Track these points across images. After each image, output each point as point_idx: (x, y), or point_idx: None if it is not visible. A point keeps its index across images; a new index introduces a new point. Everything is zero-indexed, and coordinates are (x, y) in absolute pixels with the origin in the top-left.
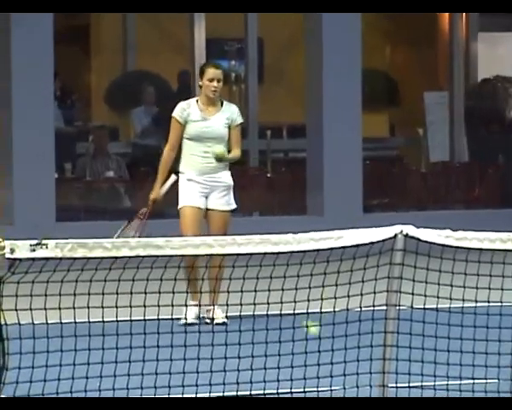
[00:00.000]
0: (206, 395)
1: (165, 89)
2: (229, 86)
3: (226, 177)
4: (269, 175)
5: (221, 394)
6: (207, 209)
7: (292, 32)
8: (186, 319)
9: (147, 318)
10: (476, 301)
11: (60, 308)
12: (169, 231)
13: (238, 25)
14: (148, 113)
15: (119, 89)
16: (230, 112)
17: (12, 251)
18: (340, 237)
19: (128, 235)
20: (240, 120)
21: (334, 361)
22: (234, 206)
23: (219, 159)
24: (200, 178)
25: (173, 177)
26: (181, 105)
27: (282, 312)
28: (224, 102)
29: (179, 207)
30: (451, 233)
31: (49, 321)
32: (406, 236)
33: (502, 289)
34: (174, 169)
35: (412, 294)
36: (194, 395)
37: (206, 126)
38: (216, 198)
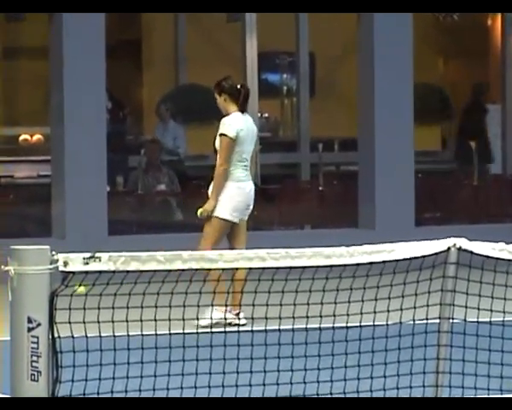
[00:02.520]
0: None
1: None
2: (281, 100)
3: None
4: (320, 188)
5: None
6: None
7: (343, 46)
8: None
9: (199, 331)
10: None
11: (113, 321)
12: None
13: (290, 38)
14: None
15: (170, 102)
16: (220, 124)
17: (65, 264)
18: (392, 250)
19: None
20: (220, 130)
21: (387, 375)
22: (216, 214)
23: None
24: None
25: None
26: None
27: (335, 325)
28: (235, 114)
29: None
30: (505, 246)
31: (102, 334)
32: (459, 249)
33: None
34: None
35: (466, 307)
36: None
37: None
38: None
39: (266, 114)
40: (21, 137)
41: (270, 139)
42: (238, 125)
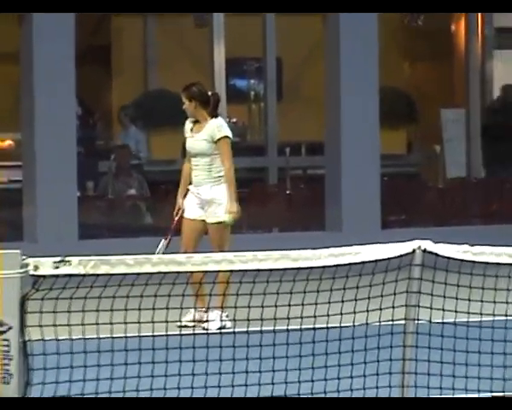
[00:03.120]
0: None
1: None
2: (249, 105)
3: (207, 192)
4: (288, 192)
5: None
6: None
7: (310, 51)
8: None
9: (169, 333)
10: (494, 315)
11: (83, 324)
12: None
13: (257, 44)
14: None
15: (139, 107)
16: (211, 128)
17: (36, 268)
18: (358, 252)
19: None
20: (220, 134)
21: (353, 375)
22: (219, 219)
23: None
24: (195, 190)
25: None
26: (186, 122)
27: (302, 327)
28: (209, 120)
29: None
30: (469, 248)
31: (72, 337)
32: (424, 251)
33: None
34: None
35: (431, 308)
36: None
37: (191, 142)
38: (206, 211)
39: (234, 119)
40: None
41: (239, 144)
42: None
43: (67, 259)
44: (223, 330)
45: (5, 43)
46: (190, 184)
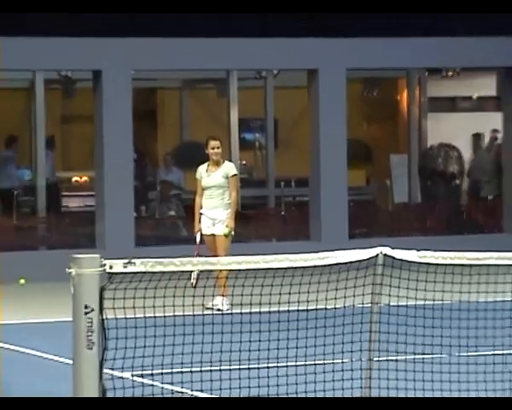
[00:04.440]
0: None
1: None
2: (255, 151)
3: (221, 213)
4: (282, 213)
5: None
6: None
7: (298, 114)
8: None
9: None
10: (434, 300)
11: (144, 307)
12: None
13: (260, 109)
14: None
15: (177, 154)
16: (226, 168)
17: (110, 267)
18: (338, 255)
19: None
20: (233, 172)
21: (335, 342)
22: (225, 231)
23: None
24: (209, 213)
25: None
26: (198, 168)
27: (290, 308)
28: (225, 162)
29: None
30: (416, 253)
31: (136, 316)
32: (385, 255)
33: (451, 292)
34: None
35: (389, 295)
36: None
37: (208, 180)
38: (215, 226)
39: (244, 162)
40: (73, 179)
41: (247, 179)
42: None
43: (133, 261)
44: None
45: (83, 108)
46: (201, 208)
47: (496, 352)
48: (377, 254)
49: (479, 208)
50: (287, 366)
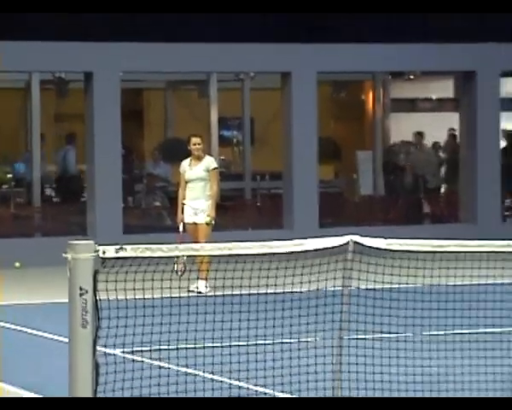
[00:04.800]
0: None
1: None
2: (232, 148)
3: (203, 204)
4: (258, 204)
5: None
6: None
7: (273, 114)
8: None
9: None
10: (399, 284)
11: (134, 289)
12: None
13: (238, 108)
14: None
15: (162, 149)
16: (207, 162)
17: (104, 252)
18: (312, 243)
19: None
20: (213, 165)
21: (309, 322)
22: (206, 219)
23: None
24: (191, 204)
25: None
26: (182, 163)
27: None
28: (206, 156)
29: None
30: (384, 240)
31: (127, 297)
32: (355, 242)
33: (415, 276)
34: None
35: (358, 279)
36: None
37: (191, 173)
38: (197, 216)
39: (223, 157)
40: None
41: (225, 173)
42: None
43: (124, 246)
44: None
45: (76, 107)
46: (183, 199)
47: (456, 331)
48: (348, 242)
49: (437, 200)
50: (264, 344)
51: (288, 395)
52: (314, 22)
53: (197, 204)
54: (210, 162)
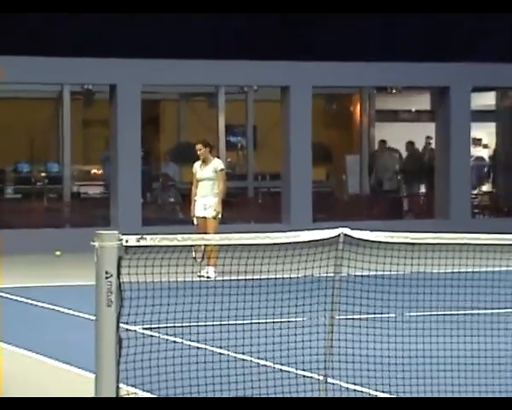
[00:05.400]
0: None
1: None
2: (237, 151)
3: (211, 200)
4: (259, 201)
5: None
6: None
7: (273, 122)
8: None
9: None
10: (383, 271)
11: (153, 274)
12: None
13: (242, 117)
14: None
15: (176, 152)
16: (215, 164)
17: (126, 241)
18: (308, 234)
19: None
20: (220, 167)
21: (305, 304)
22: (213, 214)
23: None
24: (201, 200)
25: None
26: (194, 164)
27: (269, 277)
28: (214, 159)
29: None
30: (370, 233)
31: (147, 281)
32: (345, 235)
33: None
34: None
35: (348, 267)
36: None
37: (201, 173)
38: (206, 210)
39: (229, 159)
40: (92, 171)
41: (231, 174)
42: None
43: (144, 236)
44: (218, 278)
45: (102, 115)
46: (195, 196)
47: (436, 312)
48: (339, 234)
49: (416, 199)
50: (266, 322)
51: (286, 368)
52: (310, 42)
53: (206, 200)
54: (217, 164)
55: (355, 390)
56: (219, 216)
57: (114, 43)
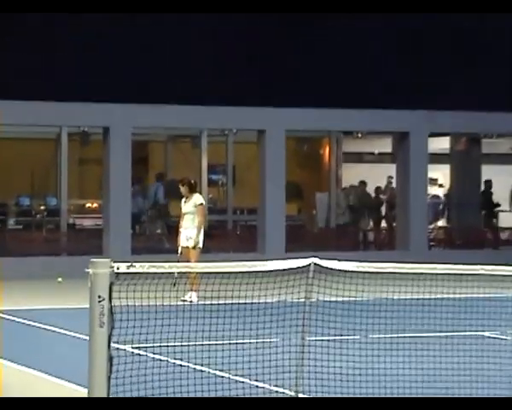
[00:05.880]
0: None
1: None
2: (218, 188)
3: (191, 232)
4: (238, 232)
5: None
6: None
7: (249, 163)
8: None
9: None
10: (349, 296)
11: (141, 298)
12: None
13: (223, 158)
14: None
15: (162, 188)
16: (195, 199)
17: (117, 268)
18: (282, 263)
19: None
20: (198, 202)
21: (278, 326)
22: (193, 244)
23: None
24: (184, 232)
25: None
26: (182, 200)
27: (246, 302)
28: (195, 194)
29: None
30: (338, 263)
31: (136, 304)
32: (315, 264)
33: (362, 291)
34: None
35: (318, 293)
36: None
37: (185, 208)
38: (187, 241)
39: (211, 195)
40: (87, 205)
41: (212, 208)
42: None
43: (134, 264)
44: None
45: (95, 154)
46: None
47: (396, 335)
48: (310, 264)
49: (379, 232)
50: (243, 343)
51: (261, 384)
52: (283, 91)
53: (188, 232)
54: (196, 199)
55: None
56: (199, 246)
57: (108, 88)
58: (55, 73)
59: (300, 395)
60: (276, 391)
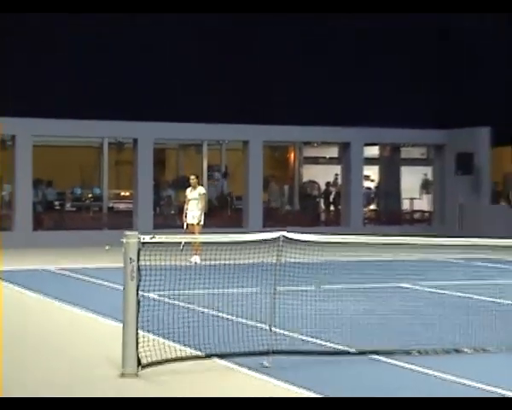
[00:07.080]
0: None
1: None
2: (215, 183)
3: (196, 213)
4: (229, 214)
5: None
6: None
7: (237, 165)
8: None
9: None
10: (308, 260)
11: (160, 259)
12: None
13: (218, 160)
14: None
15: (175, 184)
16: (199, 189)
17: (143, 239)
18: (260, 235)
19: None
20: (202, 192)
21: (257, 279)
22: (197, 221)
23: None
24: (190, 212)
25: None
26: (187, 189)
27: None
28: (199, 186)
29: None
30: (301, 235)
31: (156, 264)
32: (284, 236)
33: (316, 255)
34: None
35: (285, 256)
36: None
37: (190, 195)
38: (193, 219)
39: (209, 187)
40: (121, 193)
41: (211, 196)
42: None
43: (154, 236)
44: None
45: (128, 158)
46: (187, 210)
47: (342, 286)
48: (279, 236)
49: (328, 213)
50: (232, 292)
51: (244, 320)
52: (261, 114)
53: (193, 213)
54: (201, 190)
55: (290, 336)
56: (201, 223)
57: (136, 110)
58: (98, 96)
59: (273, 329)
60: (256, 326)
